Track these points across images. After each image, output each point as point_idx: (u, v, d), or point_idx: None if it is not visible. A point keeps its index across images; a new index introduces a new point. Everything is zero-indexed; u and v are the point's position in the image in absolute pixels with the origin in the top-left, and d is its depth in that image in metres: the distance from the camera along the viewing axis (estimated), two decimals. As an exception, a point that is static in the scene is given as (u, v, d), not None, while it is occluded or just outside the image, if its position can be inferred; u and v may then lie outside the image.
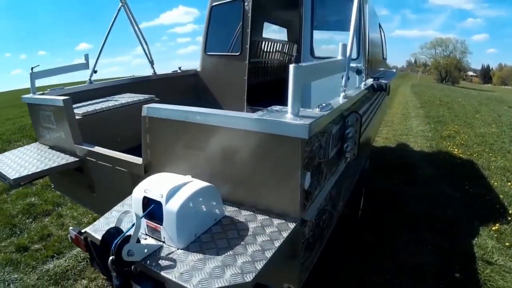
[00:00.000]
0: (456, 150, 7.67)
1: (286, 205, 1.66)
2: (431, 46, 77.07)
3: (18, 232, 4.09)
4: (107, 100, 3.57)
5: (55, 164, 2.68)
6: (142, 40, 4.45)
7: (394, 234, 3.86)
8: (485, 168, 6.44)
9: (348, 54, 2.29)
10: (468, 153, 7.47)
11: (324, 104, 1.79)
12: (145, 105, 2.06)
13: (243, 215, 1.73)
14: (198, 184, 1.64)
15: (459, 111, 14.52)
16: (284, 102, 1.74)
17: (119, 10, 4.03)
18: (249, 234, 1.57)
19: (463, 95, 25.03)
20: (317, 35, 4.43)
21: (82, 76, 3.97)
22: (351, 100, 2.30)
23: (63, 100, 2.74)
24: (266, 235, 1.55)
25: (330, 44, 5.04)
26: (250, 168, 1.73)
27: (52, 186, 3.66)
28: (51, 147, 3.09)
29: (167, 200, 1.51)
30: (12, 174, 2.49)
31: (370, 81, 3.55)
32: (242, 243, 1.50)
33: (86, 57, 3.87)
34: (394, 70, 10.21)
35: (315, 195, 1.85)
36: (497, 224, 4.12)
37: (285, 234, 1.54)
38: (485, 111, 14.69)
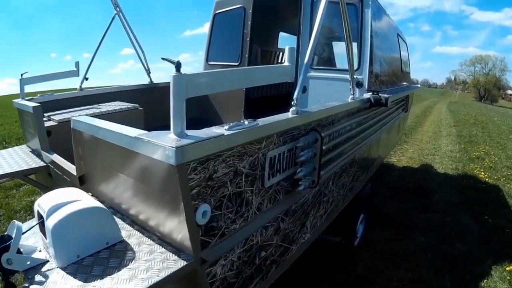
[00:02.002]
0: (482, 173, 7.09)
1: (180, 240, 1.46)
2: (470, 64, 75.38)
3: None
4: (90, 108, 3.55)
5: (23, 168, 2.77)
6: (138, 48, 4.37)
7: (389, 270, 3.49)
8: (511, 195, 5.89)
9: (306, 61, 2.06)
10: (495, 177, 6.87)
11: (243, 122, 1.55)
12: (74, 117, 1.98)
13: (141, 243, 1.57)
14: (86, 203, 1.55)
15: (493, 131, 13.67)
16: None
17: (113, 18, 3.98)
18: (131, 266, 1.40)
19: (500, 114, 23.81)
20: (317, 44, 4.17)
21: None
22: (306, 117, 2.01)
23: (33, 107, 2.83)
24: (150, 272, 1.36)
25: (331, 54, 4.80)
26: (144, 193, 1.58)
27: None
28: (32, 151, 3.22)
29: (48, 216, 1.48)
30: None
31: (368, 95, 3.28)
32: (114, 275, 1.35)
33: (77, 64, 3.89)
34: (419, 85, 9.72)
35: (233, 230, 1.61)
36: (513, 264, 3.66)
37: (163, 274, 1.34)
38: (520, 132, 13.76)
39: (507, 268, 3.55)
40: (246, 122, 1.55)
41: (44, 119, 3.06)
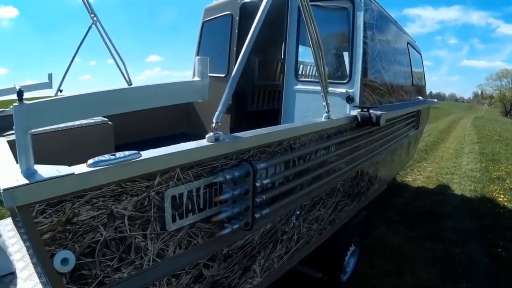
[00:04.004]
0: (502, 196, 6.53)
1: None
2: (497, 78, 74.96)
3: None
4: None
5: None
6: (119, 60, 4.18)
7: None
8: (533, 223, 5.32)
9: (234, 73, 1.80)
10: (516, 201, 6.33)
11: (116, 154, 1.26)
12: None
13: (31, 277, 1.44)
14: None
15: (517, 148, 12.87)
16: None
17: (90, 27, 3.80)
18: None
19: (525, 130, 22.51)
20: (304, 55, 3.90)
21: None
22: (229, 145, 1.67)
23: None
24: None
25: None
26: None
27: None
28: None
29: None
30: None
31: (356, 111, 2.97)
32: None
33: (50, 76, 3.69)
34: (435, 100, 9.22)
35: (118, 279, 1.37)
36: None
37: None
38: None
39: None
40: (121, 155, 1.27)
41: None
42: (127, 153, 1.28)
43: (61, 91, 3.72)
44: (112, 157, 1.24)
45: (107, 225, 1.27)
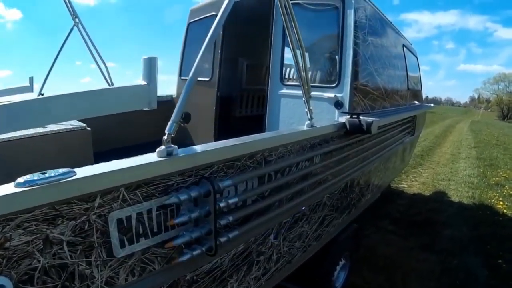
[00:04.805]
0: (501, 203, 6.30)
1: None
2: (494, 82, 75.53)
3: None
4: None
5: None
6: (101, 63, 3.95)
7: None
8: (534, 232, 5.08)
9: (191, 75, 1.56)
10: (516, 208, 6.08)
11: (42, 175, 1.05)
12: None
13: None
14: None
15: (515, 152, 12.67)
16: None
17: (71, 30, 3.59)
18: None
19: (523, 134, 22.42)
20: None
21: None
22: (184, 160, 1.42)
23: None
24: None
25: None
26: None
27: None
28: None
29: None
30: None
31: (344, 118, 2.71)
32: None
33: (31, 80, 3.49)
34: (432, 105, 8.99)
35: None
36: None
37: None
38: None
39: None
40: (51, 174, 1.05)
41: None
42: (60, 171, 1.09)
43: (42, 94, 3.52)
44: (42, 176, 1.05)
45: (44, 251, 1.08)
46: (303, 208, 2.34)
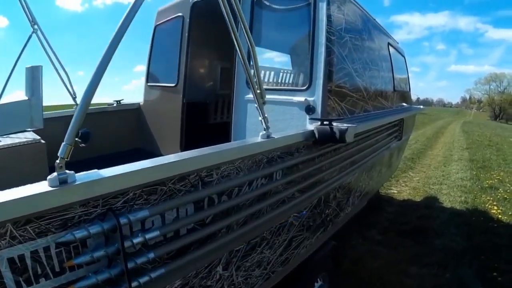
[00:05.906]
0: (495, 208, 5.96)
1: None
2: (485, 82, 76.34)
3: None
4: None
5: None
6: (62, 71, 3.64)
7: None
8: (532, 239, 4.73)
9: (91, 79, 1.26)
10: (510, 213, 5.74)
11: None
12: None
13: None
14: None
15: (508, 153, 12.39)
16: None
17: (30, 37, 3.27)
18: None
19: (516, 134, 22.35)
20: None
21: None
22: (80, 189, 1.13)
23: None
24: None
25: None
26: None
27: None
28: None
29: None
30: None
31: (314, 125, 2.33)
32: None
33: None
34: (421, 107, 8.67)
35: None
36: None
37: None
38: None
39: None
40: None
41: None
42: None
43: None
44: None
45: None
46: (262, 232, 1.97)
